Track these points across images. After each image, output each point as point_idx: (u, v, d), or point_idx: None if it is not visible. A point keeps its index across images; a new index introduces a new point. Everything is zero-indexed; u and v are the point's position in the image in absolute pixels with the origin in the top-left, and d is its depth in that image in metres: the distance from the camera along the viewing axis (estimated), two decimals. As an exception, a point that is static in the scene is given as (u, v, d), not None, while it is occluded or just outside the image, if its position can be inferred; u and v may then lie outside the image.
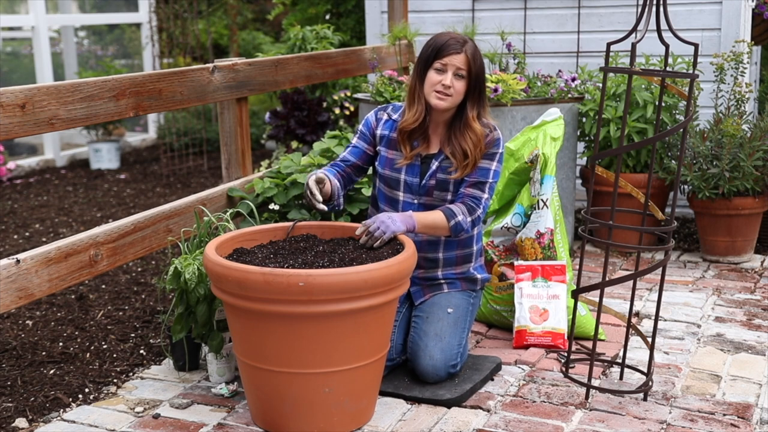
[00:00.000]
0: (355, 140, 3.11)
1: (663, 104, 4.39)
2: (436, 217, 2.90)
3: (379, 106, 3.14)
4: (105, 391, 3.03)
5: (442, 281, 3.12)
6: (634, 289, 2.98)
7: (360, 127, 3.12)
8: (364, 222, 2.84)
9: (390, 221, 2.79)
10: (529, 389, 2.96)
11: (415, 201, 3.03)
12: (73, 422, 2.79)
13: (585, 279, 4.12)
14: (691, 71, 4.37)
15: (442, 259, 3.09)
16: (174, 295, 3.06)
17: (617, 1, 5.10)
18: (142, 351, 3.39)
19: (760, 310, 3.72)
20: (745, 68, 4.57)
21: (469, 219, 2.93)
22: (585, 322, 3.39)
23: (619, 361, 3.14)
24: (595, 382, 3.00)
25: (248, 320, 2.58)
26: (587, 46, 5.18)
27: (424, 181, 3.00)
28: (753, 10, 5.05)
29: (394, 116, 3.07)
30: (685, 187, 4.42)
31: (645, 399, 2.87)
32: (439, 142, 3.01)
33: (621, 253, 4.55)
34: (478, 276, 3.17)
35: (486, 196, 2.97)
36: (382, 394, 2.88)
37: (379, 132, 3.07)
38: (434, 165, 2.99)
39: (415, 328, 3.02)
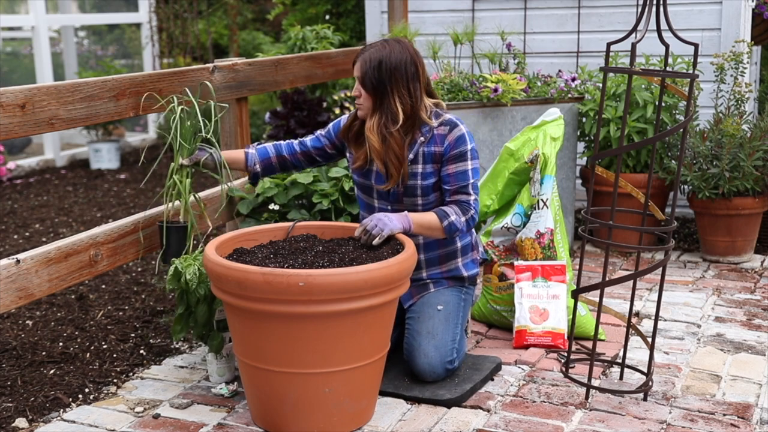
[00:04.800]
0: (321, 132, 3.16)
1: (663, 104, 4.39)
2: (430, 218, 2.91)
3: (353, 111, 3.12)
4: (105, 391, 3.03)
5: (428, 281, 3.12)
6: (634, 289, 2.98)
7: (330, 124, 3.17)
8: (362, 222, 2.85)
9: (387, 219, 2.81)
10: (529, 389, 2.96)
11: (389, 207, 3.03)
12: (73, 422, 2.79)
13: (585, 279, 4.12)
14: (691, 71, 4.37)
15: (425, 260, 3.09)
16: (175, 296, 3.06)
17: (617, 1, 5.10)
18: (142, 351, 3.39)
19: (760, 310, 3.72)
20: (745, 68, 4.57)
21: (463, 219, 2.94)
22: (585, 322, 3.39)
23: (619, 361, 3.14)
24: (595, 382, 3.00)
25: (248, 320, 2.58)
26: (587, 46, 5.18)
27: (392, 188, 3.01)
28: (753, 10, 5.05)
29: None
30: (685, 187, 4.42)
31: (645, 399, 2.87)
32: None
33: (621, 253, 4.55)
34: (465, 274, 3.15)
35: (473, 197, 2.96)
36: (382, 394, 2.88)
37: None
38: None
39: (408, 329, 3.02)
